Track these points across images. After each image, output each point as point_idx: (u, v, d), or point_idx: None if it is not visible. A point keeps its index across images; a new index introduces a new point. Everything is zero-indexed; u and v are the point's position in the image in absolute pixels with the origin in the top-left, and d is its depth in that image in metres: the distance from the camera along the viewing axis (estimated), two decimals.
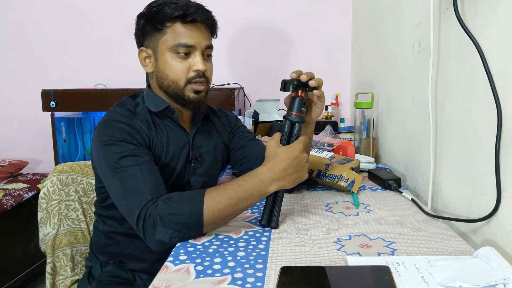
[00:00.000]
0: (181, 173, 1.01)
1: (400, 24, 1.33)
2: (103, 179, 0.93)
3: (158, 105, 1.00)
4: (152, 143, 0.98)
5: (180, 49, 0.94)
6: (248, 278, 0.65)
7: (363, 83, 1.95)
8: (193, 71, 0.96)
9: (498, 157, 0.73)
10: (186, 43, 0.94)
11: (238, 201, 0.82)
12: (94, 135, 0.96)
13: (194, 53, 0.96)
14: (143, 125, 0.97)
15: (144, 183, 0.85)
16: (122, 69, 2.32)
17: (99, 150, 0.92)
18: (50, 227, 1.16)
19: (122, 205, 0.87)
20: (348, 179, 1.07)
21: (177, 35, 0.94)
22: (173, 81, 0.97)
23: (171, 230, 0.79)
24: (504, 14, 0.71)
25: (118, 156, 0.88)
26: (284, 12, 2.30)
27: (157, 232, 0.80)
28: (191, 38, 0.94)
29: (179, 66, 0.96)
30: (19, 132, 2.52)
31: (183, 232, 0.80)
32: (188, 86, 0.97)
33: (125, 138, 0.91)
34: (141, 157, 0.90)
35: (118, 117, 0.96)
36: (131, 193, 0.85)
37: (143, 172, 0.87)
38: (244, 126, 1.21)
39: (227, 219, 0.85)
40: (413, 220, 0.88)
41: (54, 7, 2.40)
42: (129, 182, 0.86)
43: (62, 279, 1.16)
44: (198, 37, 0.95)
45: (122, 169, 0.87)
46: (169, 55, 0.95)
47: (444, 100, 0.97)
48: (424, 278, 0.61)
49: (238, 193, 0.82)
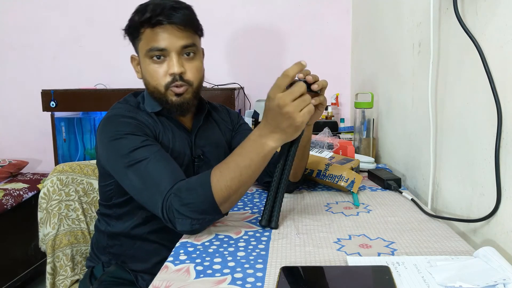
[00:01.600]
0: (185, 172, 1.01)
1: (400, 24, 1.33)
2: (116, 175, 0.92)
3: (154, 107, 1.00)
4: (158, 137, 0.97)
5: (152, 53, 0.94)
6: (248, 278, 0.65)
7: (363, 83, 1.95)
8: (169, 75, 0.95)
9: (498, 157, 0.73)
10: (157, 46, 0.93)
11: (241, 171, 0.78)
12: (99, 132, 0.95)
13: (169, 56, 0.94)
14: (149, 119, 0.97)
15: (162, 171, 0.84)
16: (122, 69, 2.31)
17: (107, 146, 0.91)
18: (50, 227, 1.16)
19: (144, 197, 0.85)
20: (348, 179, 1.07)
21: (149, 40, 0.93)
22: (154, 87, 0.97)
23: (189, 219, 0.79)
24: (504, 14, 0.71)
25: (129, 150, 0.87)
26: (284, 12, 2.30)
27: (178, 224, 0.80)
28: (162, 40, 0.92)
29: (156, 71, 0.95)
30: (19, 132, 2.52)
31: (201, 217, 0.80)
32: (169, 90, 0.96)
33: (133, 131, 0.91)
34: (152, 146, 0.89)
35: (122, 112, 0.96)
36: (151, 184, 0.84)
37: (158, 161, 0.86)
38: (246, 124, 1.21)
39: (239, 192, 0.81)
40: (413, 220, 0.88)
41: (54, 7, 2.40)
42: (146, 173, 0.85)
43: (62, 279, 1.16)
44: (169, 39, 0.93)
45: (136, 162, 0.86)
46: (147, 61, 0.96)
47: (444, 100, 0.97)
48: (424, 278, 0.61)
49: (239, 163, 0.78)
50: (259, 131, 0.77)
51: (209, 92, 1.97)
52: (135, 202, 0.91)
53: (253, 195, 1.10)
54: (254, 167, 0.78)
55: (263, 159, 0.78)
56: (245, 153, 0.78)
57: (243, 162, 0.78)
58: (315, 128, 1.32)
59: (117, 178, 0.92)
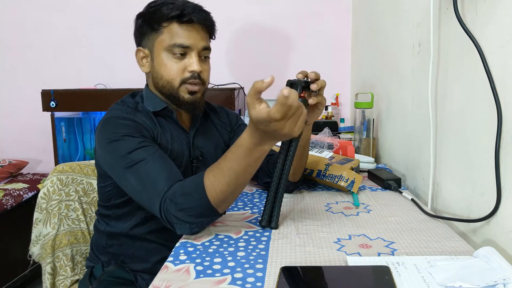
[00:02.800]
0: (184, 173, 1.01)
1: (400, 24, 1.33)
2: (115, 176, 0.92)
3: (156, 105, 1.00)
4: (157, 139, 0.97)
5: (176, 49, 0.94)
6: (248, 278, 0.65)
7: (363, 83, 1.95)
8: (188, 72, 0.96)
9: (498, 157, 0.73)
10: (182, 43, 0.94)
11: (238, 175, 0.76)
12: (97, 134, 0.95)
13: (190, 54, 0.95)
14: (147, 120, 0.97)
15: (159, 172, 0.84)
16: (122, 69, 2.32)
17: (105, 147, 0.91)
18: (50, 227, 1.16)
19: (143, 198, 0.86)
20: (348, 179, 1.07)
21: (173, 35, 0.94)
22: (167, 81, 0.97)
23: (188, 224, 0.79)
24: (504, 14, 0.71)
25: (127, 151, 0.88)
26: (284, 12, 2.30)
27: (176, 228, 0.80)
28: (188, 38, 0.94)
29: (174, 66, 0.95)
30: (19, 132, 2.52)
31: (199, 221, 0.80)
32: (183, 86, 0.97)
33: (130, 132, 0.91)
34: (150, 148, 0.89)
35: (120, 114, 0.96)
36: (149, 185, 0.84)
37: (155, 162, 0.86)
38: (245, 124, 1.21)
39: (236, 193, 0.81)
40: (413, 220, 0.88)
41: (54, 7, 2.40)
42: (144, 174, 0.85)
43: (62, 279, 1.16)
44: (195, 38, 0.95)
45: (133, 163, 0.86)
46: (165, 55, 0.95)
47: (444, 100, 0.97)
48: (424, 278, 0.61)
49: (234, 168, 0.76)
50: (254, 140, 0.73)
51: (209, 92, 1.97)
52: (134, 202, 0.91)
53: (253, 195, 1.10)
54: (251, 169, 0.78)
55: (259, 160, 0.77)
56: (241, 159, 0.76)
57: (239, 167, 0.76)
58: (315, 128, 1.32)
59: (115, 179, 0.92)
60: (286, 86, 0.75)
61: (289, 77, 0.86)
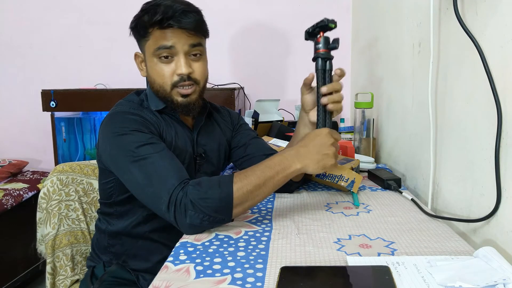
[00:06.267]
0: (186, 169, 1.01)
1: (400, 24, 1.33)
2: (118, 170, 0.92)
3: (157, 104, 1.00)
4: (162, 135, 0.98)
5: (161, 52, 0.94)
6: (248, 278, 0.65)
7: (363, 83, 1.95)
8: (176, 75, 0.95)
9: (498, 157, 0.73)
10: (165, 44, 0.93)
11: (265, 180, 0.82)
12: (103, 127, 0.95)
13: (177, 56, 0.95)
14: (153, 117, 0.98)
15: (168, 169, 0.85)
16: (122, 69, 2.32)
17: (111, 141, 0.91)
18: (50, 227, 1.16)
19: (147, 192, 0.85)
20: (348, 179, 1.07)
21: (157, 39, 0.94)
22: (160, 86, 0.97)
23: (202, 214, 0.80)
24: (504, 14, 0.71)
25: (135, 146, 0.88)
26: (284, 12, 2.30)
27: (188, 216, 0.80)
28: (170, 38, 0.93)
29: (163, 70, 0.95)
30: (19, 132, 2.52)
31: (213, 215, 0.80)
32: (174, 90, 0.96)
33: (139, 128, 0.91)
34: (158, 144, 0.90)
35: (127, 109, 0.96)
36: (157, 180, 0.84)
37: (164, 158, 0.87)
38: (246, 124, 1.22)
39: (255, 200, 0.84)
40: (413, 220, 0.88)
41: (54, 7, 2.40)
42: (152, 169, 0.85)
43: (62, 279, 1.16)
44: (179, 38, 0.93)
45: (140, 158, 0.86)
46: (154, 60, 0.96)
47: (444, 100, 0.97)
48: (424, 278, 0.61)
49: (265, 172, 0.82)
50: (294, 152, 0.85)
51: (209, 92, 1.97)
52: (136, 200, 0.91)
53: None
54: (275, 181, 0.83)
55: (286, 176, 0.84)
56: (273, 166, 0.83)
57: (269, 172, 0.82)
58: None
59: (118, 173, 0.92)
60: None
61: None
